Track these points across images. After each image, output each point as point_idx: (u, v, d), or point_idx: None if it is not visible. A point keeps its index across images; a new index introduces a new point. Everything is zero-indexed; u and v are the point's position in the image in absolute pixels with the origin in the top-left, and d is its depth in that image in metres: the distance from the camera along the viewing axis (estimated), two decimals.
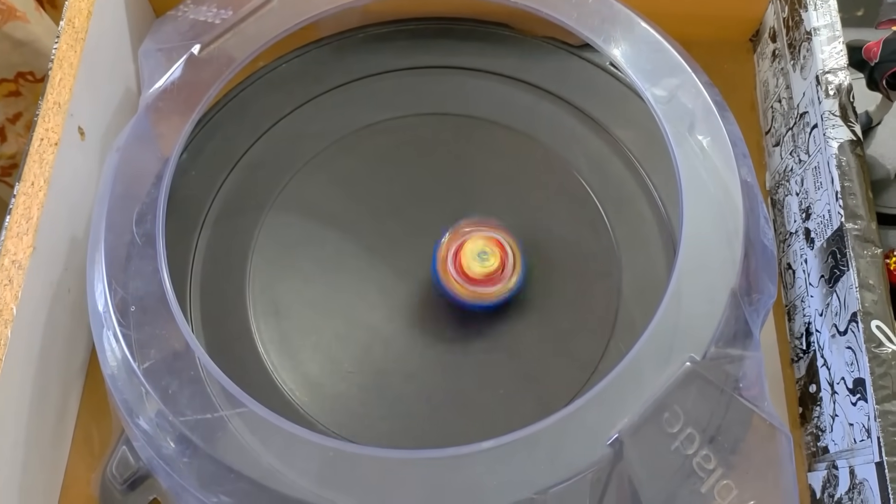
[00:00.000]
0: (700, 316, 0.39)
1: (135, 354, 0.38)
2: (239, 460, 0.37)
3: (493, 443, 0.36)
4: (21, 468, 0.42)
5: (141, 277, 0.40)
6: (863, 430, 0.40)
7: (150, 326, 0.39)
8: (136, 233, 0.40)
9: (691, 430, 0.36)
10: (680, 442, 0.36)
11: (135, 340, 0.39)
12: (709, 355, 0.38)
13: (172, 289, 0.39)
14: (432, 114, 0.54)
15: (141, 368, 0.38)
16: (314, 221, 0.50)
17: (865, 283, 0.41)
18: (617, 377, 0.37)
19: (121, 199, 0.42)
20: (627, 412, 0.36)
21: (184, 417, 0.37)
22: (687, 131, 0.44)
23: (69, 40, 0.48)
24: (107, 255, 0.40)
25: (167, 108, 0.44)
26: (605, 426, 0.36)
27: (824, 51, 0.48)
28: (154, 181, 0.43)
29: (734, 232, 0.41)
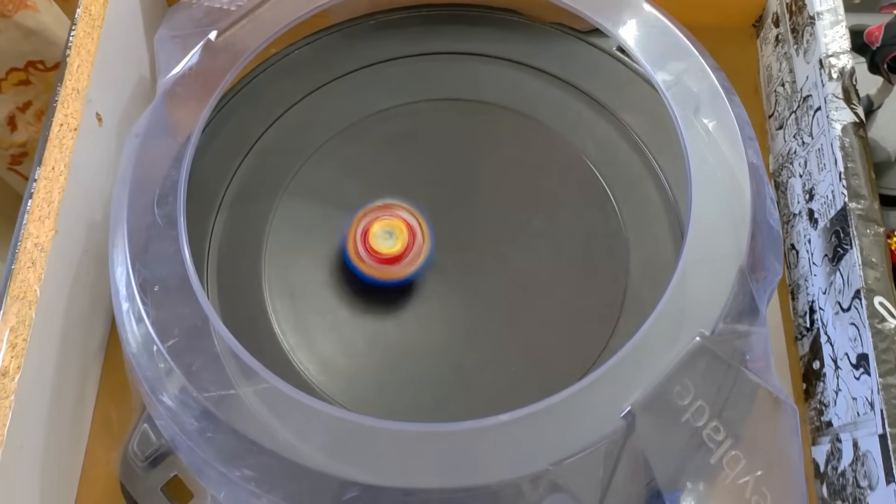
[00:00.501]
0: (708, 293, 0.40)
1: (158, 333, 0.39)
2: (261, 435, 0.38)
3: (509, 416, 0.37)
4: (43, 448, 0.43)
5: (163, 258, 0.41)
6: (866, 403, 0.41)
7: (172, 305, 0.40)
8: (158, 214, 0.41)
9: (701, 402, 0.37)
10: (690, 414, 0.37)
11: (157, 319, 0.40)
12: (717, 331, 0.39)
13: (195, 268, 0.40)
14: (442, 99, 0.54)
15: (165, 346, 0.39)
16: (327, 204, 0.51)
17: (868, 260, 0.42)
18: (629, 352, 0.38)
19: (141, 183, 0.43)
20: (639, 386, 0.37)
21: (208, 393, 0.38)
22: (694, 114, 0.45)
23: (86, 27, 0.49)
24: (129, 236, 0.41)
25: (185, 94, 0.45)
26: (618, 399, 0.37)
27: (827, 35, 0.49)
28: (173, 165, 0.44)
29: (741, 212, 0.42)
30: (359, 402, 0.45)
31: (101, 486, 0.48)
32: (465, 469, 0.37)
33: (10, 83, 0.70)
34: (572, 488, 0.36)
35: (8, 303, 0.42)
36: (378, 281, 0.46)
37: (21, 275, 0.42)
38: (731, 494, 0.37)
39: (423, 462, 0.37)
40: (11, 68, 0.69)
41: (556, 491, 0.36)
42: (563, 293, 0.48)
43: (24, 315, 0.42)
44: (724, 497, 0.37)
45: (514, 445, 0.37)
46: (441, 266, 0.49)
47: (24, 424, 0.41)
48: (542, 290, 0.48)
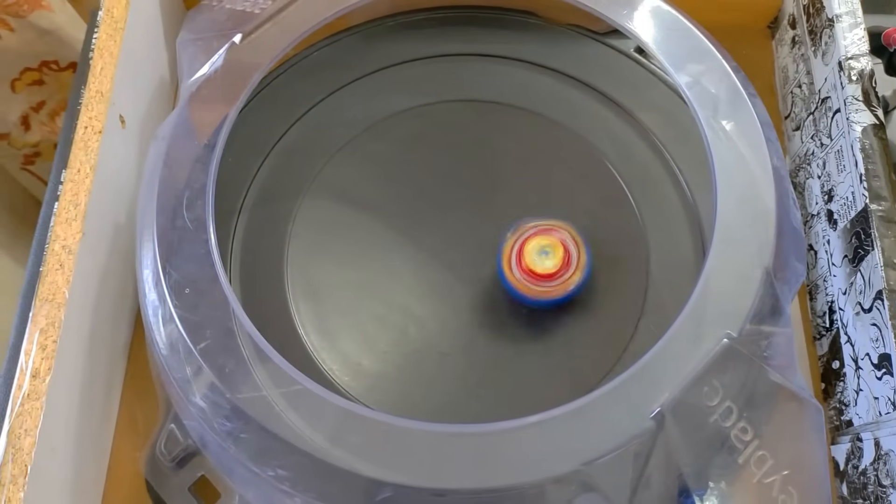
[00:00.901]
0: (735, 294, 0.40)
1: (190, 335, 0.40)
2: (294, 435, 0.38)
3: (539, 417, 0.37)
4: (74, 449, 0.44)
5: (193, 261, 0.41)
6: (888, 403, 0.42)
7: (204, 308, 0.40)
8: (187, 217, 0.42)
9: (729, 403, 0.38)
10: (718, 415, 0.38)
11: (189, 321, 0.40)
12: (744, 332, 0.39)
13: (226, 275, 0.40)
14: (461, 100, 0.55)
15: (197, 348, 0.39)
16: (348, 206, 0.51)
17: (890, 261, 0.43)
18: (657, 353, 0.39)
19: (168, 186, 0.43)
20: (668, 387, 0.38)
21: (241, 395, 0.38)
22: (716, 116, 0.45)
23: (108, 30, 0.49)
24: (158, 239, 0.42)
25: (210, 97, 0.45)
26: (647, 400, 0.38)
27: (846, 37, 0.49)
28: (199, 167, 0.44)
29: (765, 214, 0.42)
30: (383, 402, 0.45)
31: (127, 486, 0.48)
32: (497, 470, 0.37)
33: (24, 83, 0.70)
34: (603, 488, 0.37)
35: (37, 305, 0.42)
36: (534, 300, 0.46)
37: (50, 277, 0.43)
38: (758, 493, 0.38)
39: (454, 463, 0.38)
40: (25, 68, 0.69)
41: (586, 491, 0.37)
42: (583, 293, 0.49)
43: (54, 317, 0.42)
44: (752, 496, 0.38)
45: (544, 446, 0.37)
46: (461, 267, 0.49)
47: (55, 426, 0.41)
48: None
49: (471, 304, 0.49)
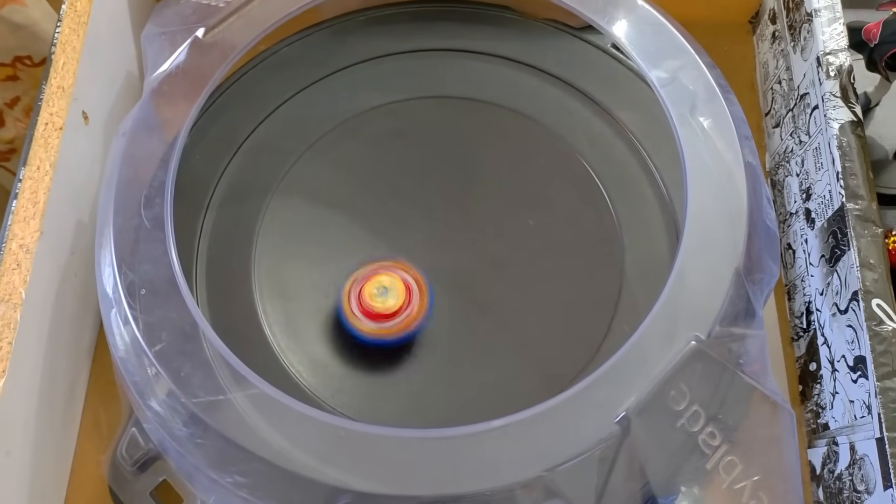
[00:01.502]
0: (704, 295, 0.39)
1: (145, 337, 0.39)
2: (251, 441, 0.37)
3: (502, 421, 0.36)
4: (31, 451, 0.43)
5: (150, 261, 0.40)
6: (863, 406, 0.41)
7: (160, 309, 0.39)
8: (145, 216, 0.41)
9: (697, 407, 0.37)
10: (686, 419, 0.37)
11: (145, 323, 0.39)
12: (713, 334, 0.38)
13: (182, 272, 0.39)
14: (435, 97, 0.54)
15: (152, 351, 0.38)
16: (318, 204, 0.50)
17: (866, 262, 0.42)
18: (624, 356, 0.38)
19: (128, 184, 0.42)
20: (634, 390, 0.37)
21: (196, 399, 0.37)
22: (690, 113, 0.44)
23: (71, 24, 0.48)
24: (115, 238, 0.41)
25: (172, 93, 0.44)
26: (612, 404, 0.37)
27: (825, 32, 0.48)
28: (160, 165, 0.43)
29: (737, 213, 0.41)
30: (350, 405, 0.45)
31: (91, 489, 0.47)
32: (459, 475, 0.36)
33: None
34: (567, 494, 0.36)
35: None
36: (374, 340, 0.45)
37: (6, 277, 0.41)
38: (727, 500, 0.37)
39: (416, 469, 0.37)
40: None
41: (550, 497, 0.36)
42: (556, 293, 0.48)
43: (10, 318, 0.41)
44: (721, 502, 0.37)
45: (507, 451, 0.36)
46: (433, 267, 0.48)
47: (11, 430, 0.40)
48: (536, 290, 0.48)
49: (443, 305, 0.48)
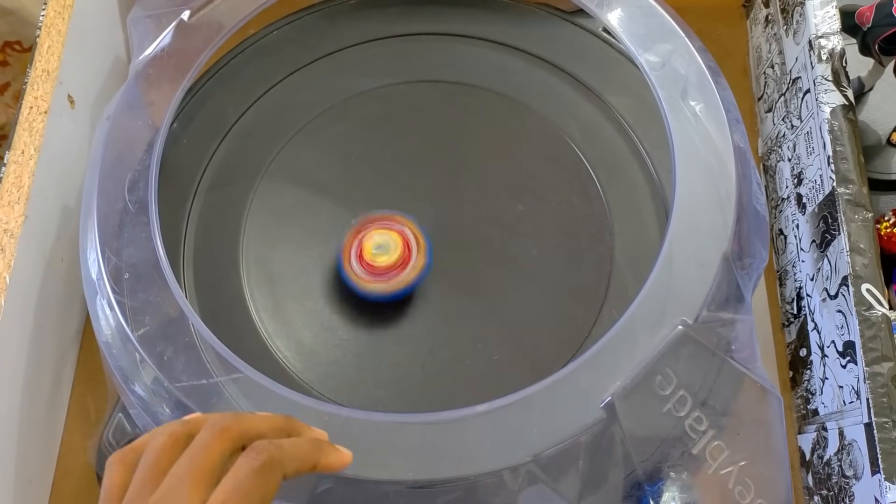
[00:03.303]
0: (692, 280, 0.39)
1: (129, 321, 0.38)
2: None
3: (486, 406, 0.36)
4: (17, 437, 0.42)
5: (134, 245, 0.40)
6: (852, 391, 0.40)
7: (143, 293, 0.39)
8: (129, 200, 0.40)
9: (683, 392, 0.37)
10: (672, 404, 0.37)
11: (129, 307, 0.39)
12: (701, 319, 0.38)
13: (166, 255, 0.39)
14: (424, 81, 0.53)
15: (136, 335, 0.38)
16: (307, 189, 0.50)
17: (856, 247, 0.42)
18: (609, 341, 0.37)
19: (112, 167, 0.42)
20: (620, 375, 0.37)
21: (179, 384, 0.37)
22: (680, 97, 0.44)
23: (57, 7, 0.47)
24: (99, 222, 0.40)
25: (157, 76, 0.44)
26: (598, 389, 0.36)
27: (817, 15, 0.48)
28: (145, 149, 0.43)
29: (726, 197, 0.41)
30: (338, 390, 0.44)
31: (78, 476, 0.47)
32: (441, 461, 0.36)
33: None
34: (551, 480, 0.36)
35: None
36: (373, 295, 0.45)
37: None
38: (714, 485, 0.37)
39: (400, 453, 0.36)
40: None
41: (534, 482, 0.35)
42: (546, 279, 0.47)
43: None
44: (707, 488, 0.37)
45: (491, 437, 0.36)
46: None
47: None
48: (525, 276, 0.48)
49: (430, 290, 0.48)
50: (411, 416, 0.36)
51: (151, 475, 0.28)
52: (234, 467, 0.28)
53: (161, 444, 0.29)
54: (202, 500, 0.27)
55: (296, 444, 0.30)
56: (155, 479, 0.28)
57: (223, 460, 0.28)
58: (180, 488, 0.27)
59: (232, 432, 0.29)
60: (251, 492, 0.27)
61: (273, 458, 0.28)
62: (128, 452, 0.29)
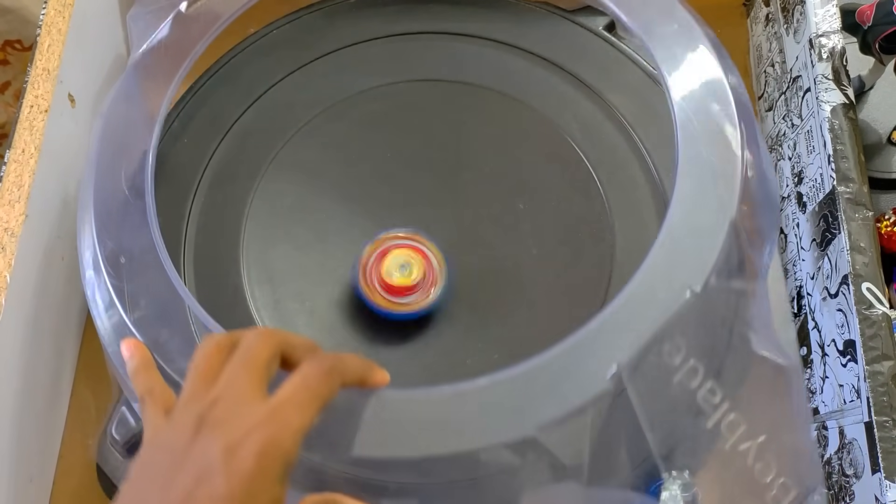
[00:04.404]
0: (699, 248, 0.37)
1: (126, 306, 0.38)
2: None
3: (488, 380, 0.35)
4: (17, 435, 0.43)
5: (131, 231, 0.39)
6: (852, 390, 0.40)
7: (140, 277, 0.38)
8: (126, 187, 0.40)
9: (694, 361, 0.35)
10: (683, 374, 0.35)
11: (125, 292, 0.38)
12: (709, 287, 0.36)
13: (162, 240, 0.38)
14: (424, 80, 0.53)
15: (132, 319, 0.37)
16: (307, 187, 0.50)
17: (857, 245, 0.42)
18: (614, 311, 0.36)
19: (110, 157, 0.41)
20: (626, 345, 0.35)
21: (175, 365, 0.36)
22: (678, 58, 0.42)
23: (57, 6, 0.47)
24: (96, 208, 0.40)
25: (155, 66, 0.44)
26: (604, 360, 0.35)
27: (818, 14, 0.48)
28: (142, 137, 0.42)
29: (732, 161, 0.39)
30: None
31: (79, 473, 0.47)
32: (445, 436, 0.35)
33: None
34: (558, 454, 0.34)
35: None
36: (391, 313, 0.45)
37: None
38: (731, 461, 0.35)
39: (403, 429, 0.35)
40: None
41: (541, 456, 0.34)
42: (546, 278, 0.47)
43: None
44: (725, 464, 0.35)
45: (494, 411, 0.35)
46: None
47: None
48: (526, 275, 0.47)
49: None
50: (414, 392, 0.35)
51: (204, 376, 0.29)
52: (299, 369, 0.29)
53: (208, 350, 0.30)
54: (262, 393, 0.28)
55: (351, 358, 0.32)
56: (208, 379, 0.29)
57: (270, 361, 0.30)
58: (239, 381, 0.28)
59: (276, 337, 0.30)
60: (318, 391, 0.29)
61: (336, 366, 0.30)
62: None
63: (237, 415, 0.27)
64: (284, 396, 0.28)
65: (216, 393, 0.28)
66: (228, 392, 0.28)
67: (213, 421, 0.27)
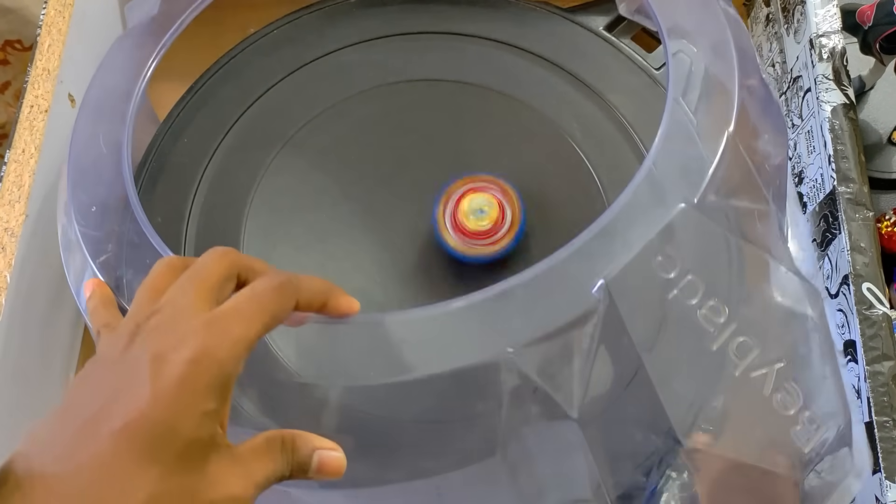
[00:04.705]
0: (693, 160, 0.35)
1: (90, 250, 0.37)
2: None
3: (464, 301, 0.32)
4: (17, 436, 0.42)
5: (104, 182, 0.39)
6: (853, 390, 0.40)
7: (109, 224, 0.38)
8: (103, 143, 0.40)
9: (692, 277, 0.32)
10: (679, 290, 0.32)
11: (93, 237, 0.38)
12: (709, 202, 0.33)
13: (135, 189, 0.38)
14: (424, 80, 0.53)
15: (97, 262, 0.36)
16: (308, 188, 0.50)
17: (857, 246, 0.41)
18: (602, 226, 0.33)
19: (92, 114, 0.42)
20: (613, 259, 0.32)
21: None
22: None
23: (57, 6, 0.47)
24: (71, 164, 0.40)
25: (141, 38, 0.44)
26: (588, 275, 0.32)
27: (818, 14, 0.48)
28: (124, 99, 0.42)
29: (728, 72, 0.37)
30: None
31: None
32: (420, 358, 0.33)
33: None
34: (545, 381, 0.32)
35: None
36: (471, 258, 0.45)
37: None
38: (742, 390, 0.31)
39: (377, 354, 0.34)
40: None
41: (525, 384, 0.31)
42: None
43: None
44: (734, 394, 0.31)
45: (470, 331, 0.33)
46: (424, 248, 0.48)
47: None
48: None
49: (432, 291, 0.47)
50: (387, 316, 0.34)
51: (150, 292, 0.28)
52: (251, 284, 0.28)
53: (159, 269, 0.29)
54: (206, 306, 0.27)
55: (310, 279, 0.31)
56: (153, 296, 0.28)
57: (223, 280, 0.28)
58: (185, 295, 0.27)
59: (231, 256, 0.29)
60: (267, 304, 0.27)
61: (290, 282, 0.29)
62: None
63: (175, 324, 0.26)
64: (228, 307, 0.27)
65: (158, 306, 0.27)
66: (170, 304, 0.27)
67: (148, 329, 0.26)
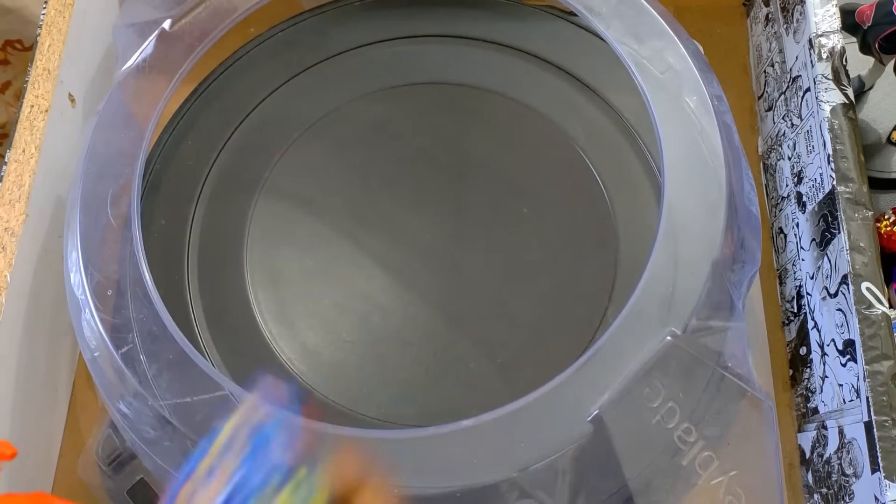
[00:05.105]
0: (681, 289, 0.38)
1: (112, 339, 0.38)
2: None
3: (472, 422, 0.35)
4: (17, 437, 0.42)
5: (117, 260, 0.39)
6: (852, 390, 0.40)
7: (127, 310, 0.38)
8: (112, 215, 0.40)
9: (672, 404, 0.36)
10: (661, 416, 0.36)
11: (112, 325, 0.38)
12: (690, 328, 0.37)
13: (149, 271, 0.38)
14: (429, 83, 0.53)
15: (119, 353, 0.37)
16: (311, 191, 0.50)
17: (856, 245, 0.42)
18: (596, 353, 0.37)
19: (95, 181, 0.41)
20: (607, 388, 0.36)
21: (165, 401, 0.36)
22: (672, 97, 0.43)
23: (57, 6, 0.47)
24: (82, 239, 0.39)
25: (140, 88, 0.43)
26: (585, 403, 0.36)
27: (817, 14, 0.48)
28: (128, 161, 0.42)
29: (716, 202, 0.40)
30: (341, 392, 0.44)
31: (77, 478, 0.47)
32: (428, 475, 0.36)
33: None
34: (539, 494, 0.35)
35: None
36: None
37: None
38: (704, 496, 0.36)
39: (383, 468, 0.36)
40: None
41: (523, 497, 0.35)
42: (551, 283, 0.47)
43: None
44: (699, 499, 0.36)
45: (477, 451, 0.36)
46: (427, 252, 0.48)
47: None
48: (530, 280, 0.47)
49: (436, 293, 0.47)
50: (398, 433, 0.36)
51: None
52: None
53: None
54: None
55: None
56: None
57: None
58: None
59: None
60: None
61: None
62: None
63: None
64: None
65: None
66: None
67: None
